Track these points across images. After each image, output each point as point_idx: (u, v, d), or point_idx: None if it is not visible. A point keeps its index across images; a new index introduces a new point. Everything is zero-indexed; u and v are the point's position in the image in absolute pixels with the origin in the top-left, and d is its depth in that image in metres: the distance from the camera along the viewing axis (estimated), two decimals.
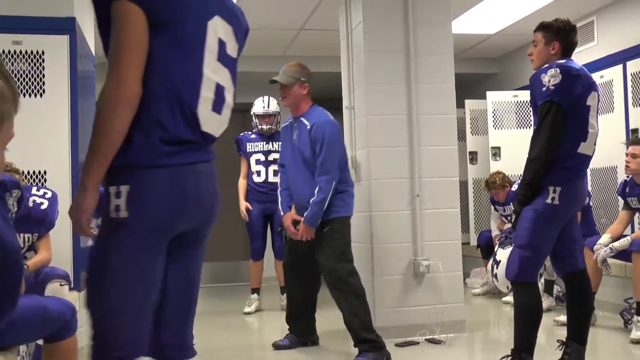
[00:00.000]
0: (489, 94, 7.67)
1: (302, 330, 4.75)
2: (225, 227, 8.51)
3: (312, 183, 4.35)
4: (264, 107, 6.33)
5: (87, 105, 5.07)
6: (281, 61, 4.90)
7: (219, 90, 2.02)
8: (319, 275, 4.59)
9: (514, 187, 6.32)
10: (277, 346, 4.72)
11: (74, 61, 4.56)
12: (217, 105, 2.01)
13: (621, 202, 5.39)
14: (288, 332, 4.79)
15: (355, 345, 4.27)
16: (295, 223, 4.50)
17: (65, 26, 4.56)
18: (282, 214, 4.64)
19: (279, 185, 4.76)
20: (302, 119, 4.47)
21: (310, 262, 4.49)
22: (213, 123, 2.01)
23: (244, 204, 6.30)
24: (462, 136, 7.52)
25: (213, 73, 1.99)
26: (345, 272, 4.29)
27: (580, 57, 6.33)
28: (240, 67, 2.19)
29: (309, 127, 4.39)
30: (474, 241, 7.64)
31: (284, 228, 4.66)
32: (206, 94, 1.96)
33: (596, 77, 6.03)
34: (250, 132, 6.49)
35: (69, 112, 4.51)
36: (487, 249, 7.06)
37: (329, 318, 5.08)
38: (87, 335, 1.92)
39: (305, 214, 4.35)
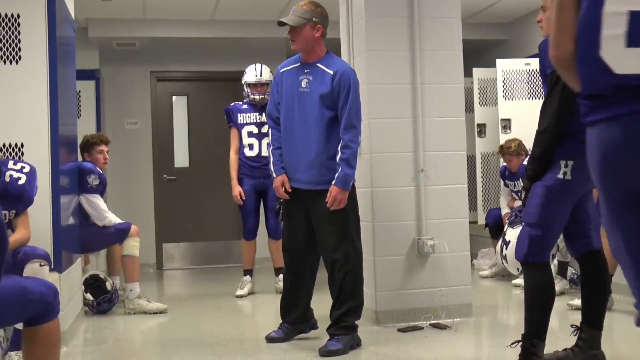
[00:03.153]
0: (498, 61, 7.65)
1: (297, 317, 4.58)
2: (215, 203, 8.56)
3: (323, 135, 4.24)
4: (256, 76, 6.31)
5: (66, 74, 5.03)
6: (276, 26, 4.85)
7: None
8: (319, 256, 4.52)
9: (526, 161, 6.33)
10: (270, 339, 4.55)
11: (52, 25, 4.50)
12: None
13: None
14: (282, 321, 4.62)
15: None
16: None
17: None
18: (274, 175, 4.45)
19: (270, 144, 4.57)
20: (319, 65, 4.30)
21: (311, 242, 4.44)
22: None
23: (237, 189, 6.23)
24: (469, 107, 7.51)
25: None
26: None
27: None
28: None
29: (332, 74, 4.23)
30: (482, 220, 7.66)
31: (279, 202, 4.55)
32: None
33: None
34: (241, 102, 6.45)
35: (48, 81, 4.46)
36: (496, 228, 7.08)
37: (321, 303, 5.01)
38: (75, 318, 1.92)
39: (336, 176, 4.19)
